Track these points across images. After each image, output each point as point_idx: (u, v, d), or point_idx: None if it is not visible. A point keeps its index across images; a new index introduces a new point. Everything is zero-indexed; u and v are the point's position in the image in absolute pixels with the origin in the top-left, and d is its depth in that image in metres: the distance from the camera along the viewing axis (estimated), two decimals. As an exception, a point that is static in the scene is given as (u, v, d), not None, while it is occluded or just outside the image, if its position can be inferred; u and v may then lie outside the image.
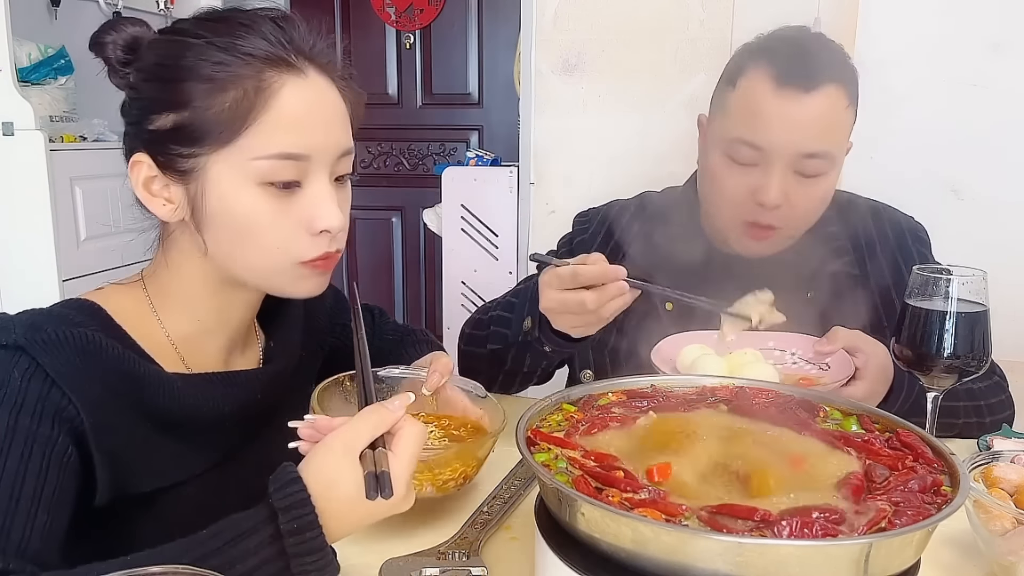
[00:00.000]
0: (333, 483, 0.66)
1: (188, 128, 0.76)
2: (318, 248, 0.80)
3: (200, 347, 0.86)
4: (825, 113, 1.09)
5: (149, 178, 0.80)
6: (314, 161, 0.79)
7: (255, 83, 0.75)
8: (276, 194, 0.77)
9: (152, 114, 0.78)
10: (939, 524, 0.53)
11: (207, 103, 0.75)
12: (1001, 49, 1.93)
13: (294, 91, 0.77)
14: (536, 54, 2.20)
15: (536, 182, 2.28)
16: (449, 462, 0.84)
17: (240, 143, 0.76)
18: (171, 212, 0.80)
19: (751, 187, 1.12)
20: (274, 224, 0.78)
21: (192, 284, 0.84)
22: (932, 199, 1.94)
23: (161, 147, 0.78)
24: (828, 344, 1.04)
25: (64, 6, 2.69)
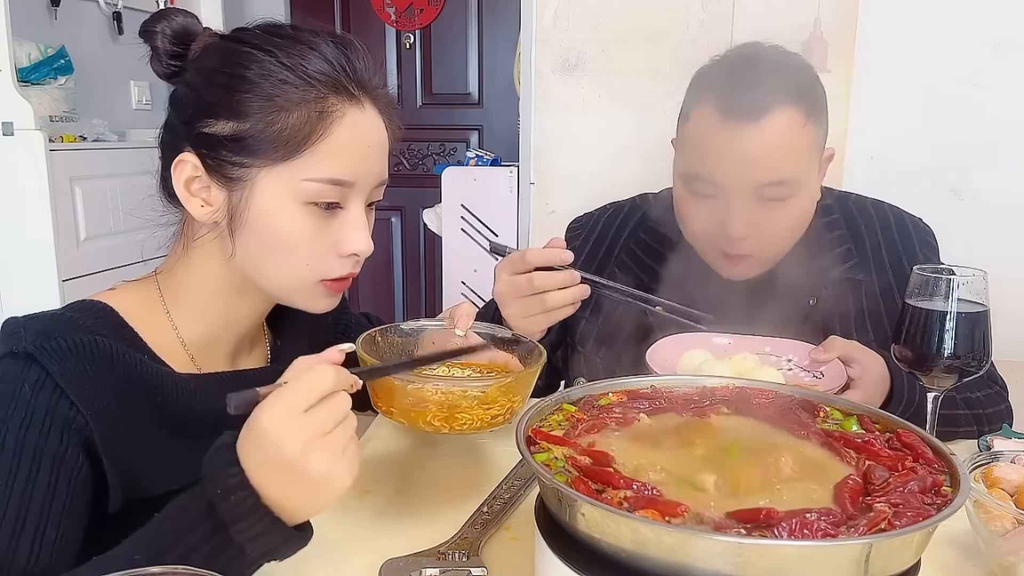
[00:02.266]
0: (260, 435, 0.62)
1: (245, 140, 0.78)
2: (343, 269, 0.83)
3: (209, 347, 0.87)
4: (777, 139, 1.04)
5: (191, 178, 0.80)
6: (356, 188, 0.82)
7: (318, 108, 0.78)
8: (317, 214, 0.80)
9: (209, 117, 0.79)
10: (939, 524, 0.53)
11: (269, 119, 0.77)
12: (1001, 49, 1.93)
13: (352, 121, 0.80)
14: (536, 54, 2.20)
15: (536, 182, 2.28)
16: (496, 398, 0.82)
17: (295, 163, 0.78)
18: (208, 214, 0.81)
19: (715, 219, 1.09)
20: (309, 243, 0.80)
21: (209, 285, 0.85)
22: (932, 199, 1.94)
23: (213, 151, 0.79)
24: (824, 353, 1.03)
25: (64, 6, 2.69)
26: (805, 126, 1.06)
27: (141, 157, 0.89)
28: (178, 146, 0.81)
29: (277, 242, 0.80)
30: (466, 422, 0.81)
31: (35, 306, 0.84)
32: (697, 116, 1.09)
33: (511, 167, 2.74)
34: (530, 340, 0.96)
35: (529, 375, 0.87)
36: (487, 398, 0.81)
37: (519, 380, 0.85)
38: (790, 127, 1.04)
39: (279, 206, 0.79)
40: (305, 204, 0.79)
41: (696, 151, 1.09)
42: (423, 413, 0.81)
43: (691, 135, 1.10)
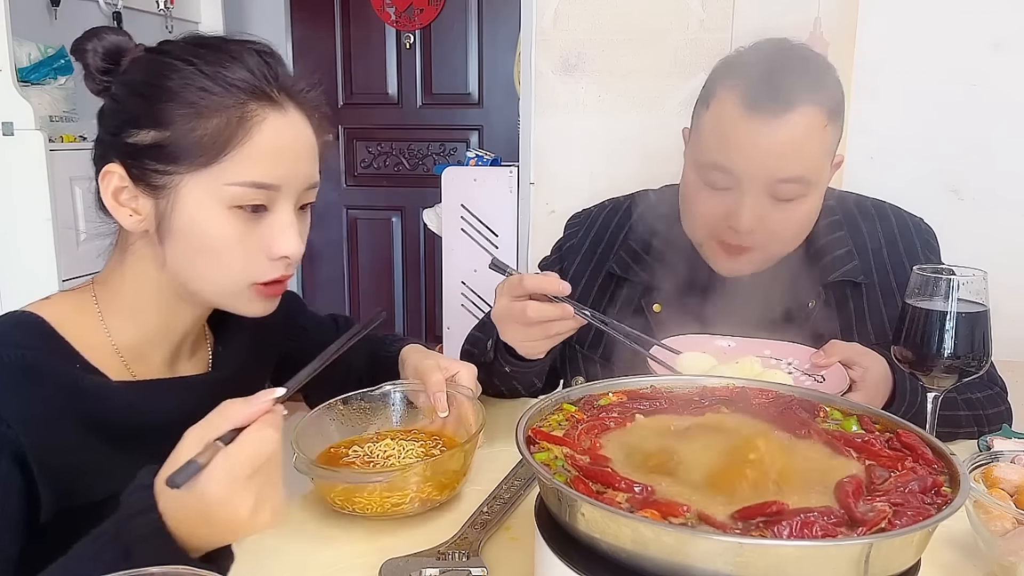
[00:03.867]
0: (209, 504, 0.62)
1: (167, 147, 0.79)
2: (275, 271, 0.84)
3: (146, 353, 0.88)
4: (799, 136, 1.04)
5: (119, 188, 0.82)
6: (283, 191, 0.82)
7: (238, 113, 0.79)
8: (243, 218, 0.81)
9: (132, 128, 0.80)
10: (939, 524, 0.53)
11: (190, 126, 0.78)
12: (1001, 49, 1.93)
13: (273, 125, 0.81)
14: (536, 54, 2.20)
15: (536, 182, 2.28)
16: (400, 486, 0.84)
17: (217, 167, 0.79)
18: (136, 223, 0.82)
19: (724, 210, 1.09)
20: (237, 246, 0.81)
21: (144, 293, 0.86)
22: (932, 199, 1.94)
23: (137, 161, 0.80)
24: (825, 357, 1.03)
25: (64, 6, 2.69)
26: (826, 127, 1.06)
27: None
28: (106, 158, 0.82)
29: (205, 247, 0.81)
30: (367, 505, 0.85)
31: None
32: (720, 104, 1.07)
33: (511, 167, 2.73)
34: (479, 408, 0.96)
35: (440, 463, 0.87)
36: (391, 485, 0.84)
37: (430, 467, 0.86)
38: (813, 125, 1.04)
39: (204, 211, 0.80)
40: (230, 208, 0.80)
41: (716, 139, 1.08)
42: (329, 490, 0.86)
43: (711, 123, 1.09)
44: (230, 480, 0.62)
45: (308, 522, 0.88)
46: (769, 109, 1.03)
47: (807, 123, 1.04)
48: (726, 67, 1.12)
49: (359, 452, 0.94)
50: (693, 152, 1.13)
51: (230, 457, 0.62)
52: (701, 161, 1.10)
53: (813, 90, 1.05)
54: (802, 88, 1.04)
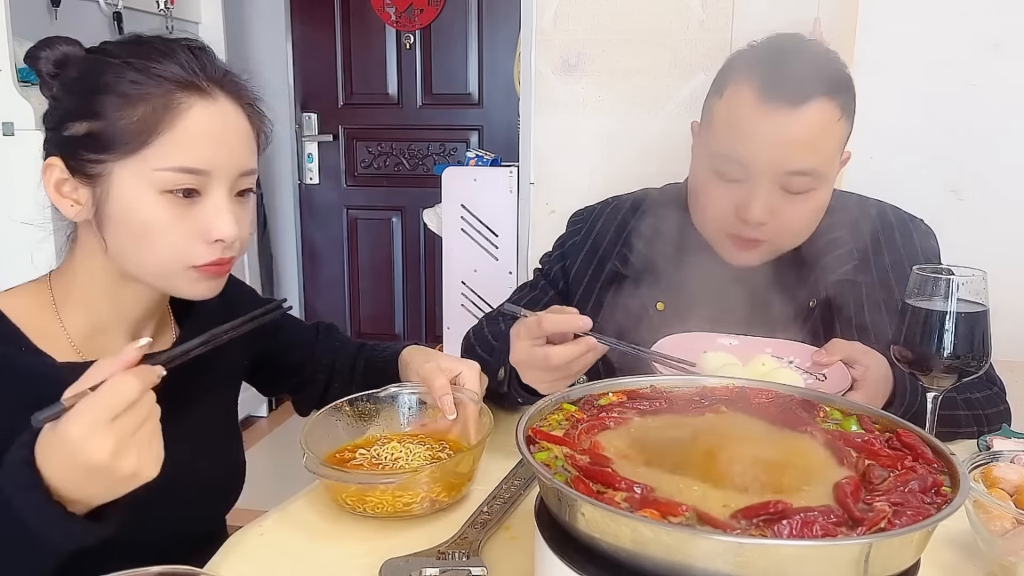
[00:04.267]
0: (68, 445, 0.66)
1: (98, 136, 0.83)
2: (211, 254, 0.86)
3: (99, 338, 0.91)
4: (813, 129, 1.04)
5: (61, 180, 0.86)
6: (214, 176, 0.85)
7: (164, 101, 0.83)
8: (175, 202, 0.84)
9: (68, 122, 0.84)
10: (939, 524, 0.53)
11: (118, 115, 0.82)
12: (1001, 49, 1.93)
13: (200, 112, 0.84)
14: (536, 54, 2.20)
15: (536, 182, 2.28)
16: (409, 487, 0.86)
17: (145, 154, 0.82)
18: (77, 212, 0.86)
19: (735, 202, 1.09)
20: (170, 230, 0.84)
21: (93, 280, 0.89)
22: (932, 199, 1.94)
23: (73, 152, 0.84)
24: (826, 355, 1.03)
25: (64, 6, 2.69)
26: (839, 121, 1.06)
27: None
28: (49, 154, 0.87)
29: (140, 232, 0.84)
30: (378, 505, 0.86)
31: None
32: (733, 95, 1.07)
33: (511, 167, 2.74)
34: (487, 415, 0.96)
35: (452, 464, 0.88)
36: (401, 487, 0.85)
37: (440, 469, 0.87)
38: (826, 119, 1.05)
39: (136, 196, 0.83)
40: (161, 193, 0.83)
41: (729, 129, 1.08)
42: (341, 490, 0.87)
43: (725, 113, 1.09)
44: (89, 422, 0.66)
45: (308, 522, 0.88)
46: (784, 101, 1.03)
47: (821, 116, 1.04)
48: (740, 59, 1.12)
49: (366, 455, 0.95)
50: (705, 143, 1.13)
51: (90, 400, 0.67)
52: (713, 152, 1.10)
53: (828, 84, 1.05)
54: (817, 82, 1.04)
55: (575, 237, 1.33)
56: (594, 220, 1.33)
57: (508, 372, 1.07)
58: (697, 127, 1.19)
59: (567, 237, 1.35)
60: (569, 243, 1.33)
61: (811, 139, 1.05)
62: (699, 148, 1.16)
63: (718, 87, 1.12)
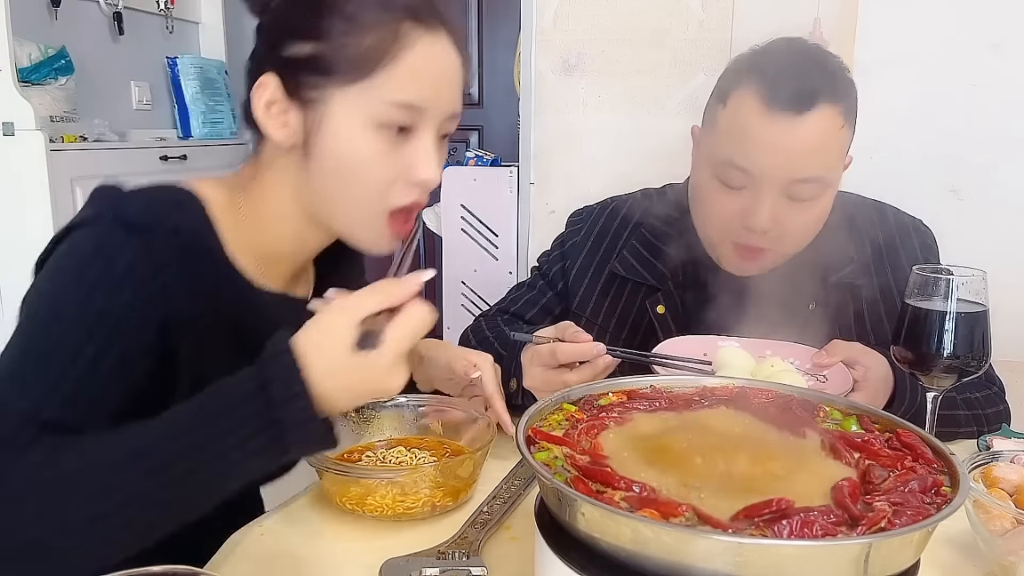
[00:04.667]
0: (325, 338, 0.68)
1: (322, 59, 0.80)
2: (410, 196, 0.85)
3: (273, 267, 0.90)
4: (818, 136, 1.03)
5: (271, 100, 0.83)
6: (428, 115, 0.84)
7: (393, 30, 0.80)
8: (388, 138, 0.82)
9: (289, 40, 0.82)
10: (939, 524, 0.53)
11: (345, 40, 0.80)
12: (1001, 49, 1.93)
13: (426, 47, 0.82)
14: (536, 54, 2.20)
15: (536, 182, 2.28)
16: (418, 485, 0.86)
17: (368, 83, 0.80)
18: (286, 136, 0.83)
19: (740, 210, 1.08)
20: (378, 165, 0.83)
21: (282, 210, 0.87)
22: (932, 199, 1.95)
23: (292, 73, 0.82)
24: (827, 357, 1.03)
25: (64, 6, 2.69)
26: (843, 127, 1.06)
27: (141, 157, 0.90)
28: (259, 72, 0.84)
29: (348, 163, 0.82)
30: (379, 507, 0.86)
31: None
32: (737, 102, 1.06)
33: (511, 167, 2.73)
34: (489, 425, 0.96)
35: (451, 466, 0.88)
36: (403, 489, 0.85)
37: (441, 469, 0.87)
38: (832, 125, 1.04)
39: (352, 127, 0.81)
40: (377, 127, 0.81)
41: (733, 137, 1.06)
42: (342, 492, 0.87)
43: (729, 120, 1.07)
44: (396, 352, 0.69)
45: (308, 522, 0.88)
46: (790, 108, 1.02)
47: (827, 123, 1.03)
48: (743, 64, 1.10)
49: (372, 457, 0.96)
50: (707, 150, 1.12)
51: (400, 331, 0.70)
52: (717, 159, 1.09)
53: (832, 90, 1.04)
54: (822, 88, 1.03)
55: (575, 238, 1.32)
56: (593, 221, 1.32)
57: (520, 387, 1.07)
58: (698, 132, 1.18)
59: (567, 237, 1.34)
60: (569, 243, 1.33)
61: (817, 146, 1.04)
62: (701, 154, 1.15)
63: (721, 93, 1.11)
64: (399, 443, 0.99)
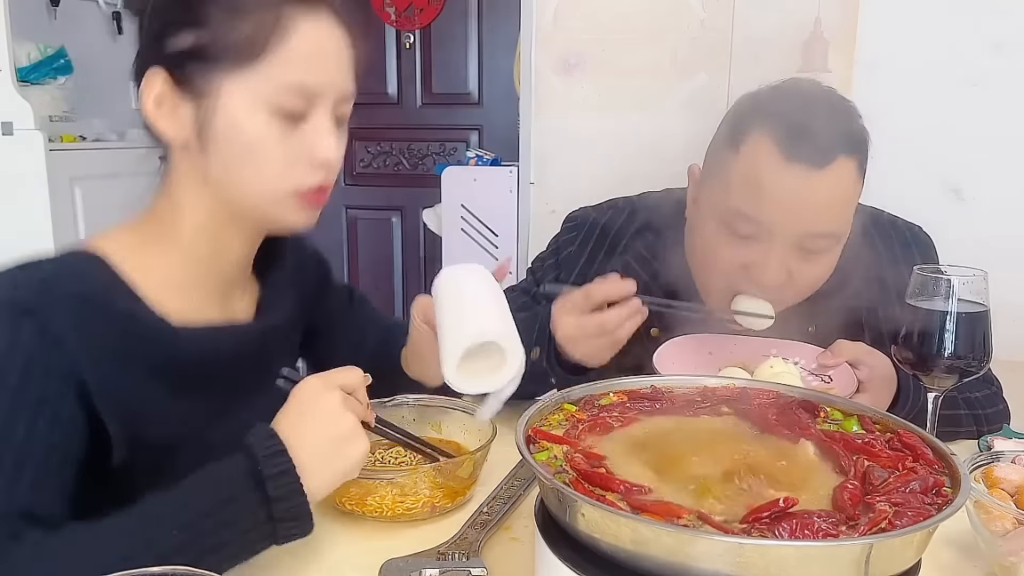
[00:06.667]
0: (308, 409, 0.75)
1: (208, 48, 0.80)
2: (315, 177, 0.85)
3: (198, 289, 0.88)
4: (836, 191, 0.99)
5: (161, 96, 0.82)
6: (321, 97, 0.83)
7: (274, 14, 0.80)
8: (283, 122, 0.82)
9: (172, 33, 0.81)
10: (940, 525, 0.53)
11: (228, 26, 0.79)
12: (1001, 49, 1.93)
13: (310, 28, 0.82)
14: (536, 54, 2.20)
15: (536, 182, 2.28)
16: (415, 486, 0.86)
17: (256, 68, 0.80)
18: (179, 130, 0.83)
19: (747, 261, 1.04)
20: (277, 149, 0.82)
21: (191, 216, 0.86)
22: (932, 199, 1.95)
23: (179, 64, 0.81)
24: (831, 357, 1.02)
25: (64, 6, 2.69)
26: (858, 181, 1.02)
27: (141, 157, 0.89)
28: (147, 66, 0.83)
29: (246, 151, 0.81)
30: (378, 508, 0.86)
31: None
32: (752, 150, 1.01)
33: (511, 167, 2.73)
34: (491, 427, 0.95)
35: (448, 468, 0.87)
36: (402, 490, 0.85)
37: (440, 470, 0.87)
38: (850, 179, 1.00)
39: (245, 114, 0.81)
40: (270, 111, 0.81)
41: (747, 186, 1.01)
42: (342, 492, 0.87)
43: (743, 170, 1.02)
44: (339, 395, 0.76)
45: (308, 522, 0.88)
46: (810, 160, 0.97)
47: (845, 177, 1.00)
48: (756, 108, 1.05)
49: (370, 457, 0.94)
50: (714, 195, 1.06)
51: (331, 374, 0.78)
52: (726, 207, 1.03)
53: (851, 142, 1.01)
54: (840, 140, 0.99)
55: (570, 248, 1.29)
56: (590, 230, 1.29)
57: (548, 350, 1.06)
58: (698, 173, 1.13)
59: (562, 245, 1.31)
60: (564, 253, 1.29)
61: (835, 201, 1.00)
62: (704, 199, 1.09)
63: (733, 138, 1.04)
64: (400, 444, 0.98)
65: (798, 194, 0.98)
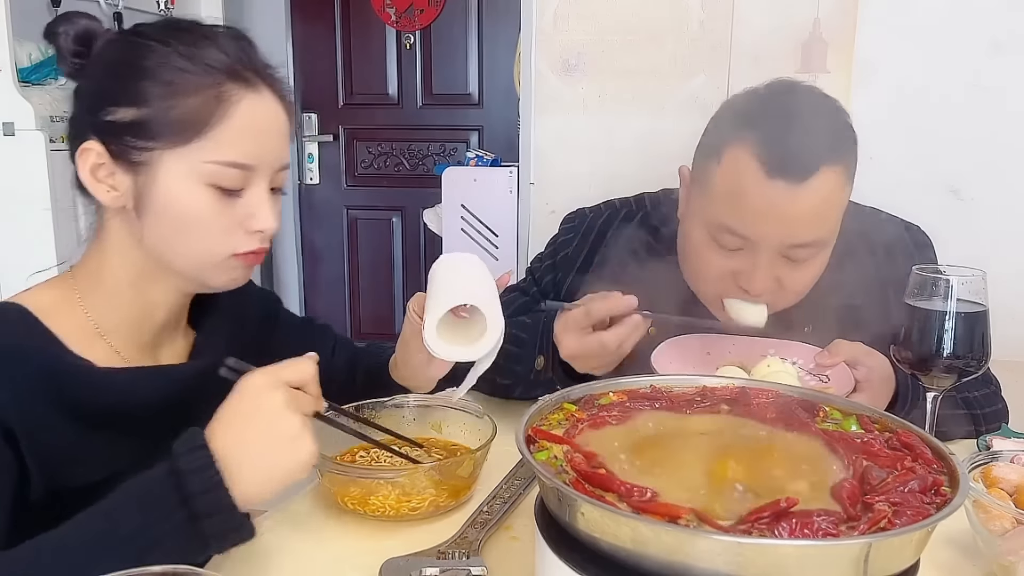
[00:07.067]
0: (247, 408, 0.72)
1: (146, 124, 0.81)
2: (251, 244, 0.86)
3: (129, 336, 0.89)
4: (820, 203, 0.98)
5: (96, 165, 0.83)
6: (258, 170, 0.85)
7: (215, 92, 0.81)
8: (220, 194, 0.83)
9: (111, 106, 0.82)
10: (939, 524, 0.53)
11: (168, 103, 0.80)
12: (1001, 49, 1.93)
13: (250, 105, 0.83)
14: (536, 54, 2.20)
15: (536, 182, 2.28)
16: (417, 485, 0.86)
17: (195, 145, 0.81)
18: (114, 199, 0.84)
19: (735, 271, 1.04)
20: (214, 221, 0.83)
21: (123, 272, 0.87)
22: (932, 199, 1.94)
23: (116, 137, 0.82)
24: (829, 357, 1.02)
25: (64, 6, 2.69)
26: (845, 186, 1.01)
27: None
28: (82, 136, 0.84)
29: (184, 222, 0.83)
30: (381, 508, 0.86)
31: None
32: (733, 162, 1.00)
33: (511, 167, 2.74)
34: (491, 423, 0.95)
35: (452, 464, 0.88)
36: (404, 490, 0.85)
37: (440, 469, 0.87)
38: (834, 188, 0.99)
39: (183, 187, 0.82)
40: (208, 185, 0.82)
41: (731, 202, 1.01)
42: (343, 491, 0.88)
43: (725, 183, 1.01)
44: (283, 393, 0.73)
45: (308, 522, 0.88)
46: (791, 175, 0.96)
47: (830, 187, 0.98)
48: (736, 116, 1.04)
49: (365, 457, 0.96)
50: (700, 207, 1.07)
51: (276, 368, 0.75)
52: (711, 221, 1.04)
53: (835, 149, 0.99)
54: (825, 148, 0.98)
55: (567, 249, 1.30)
56: (587, 230, 1.30)
57: (553, 361, 1.07)
58: (687, 175, 1.13)
59: (559, 246, 1.32)
60: (561, 255, 1.30)
61: (820, 212, 1.00)
62: (693, 206, 1.10)
63: (715, 148, 1.04)
64: (397, 444, 0.99)
65: (781, 208, 0.97)
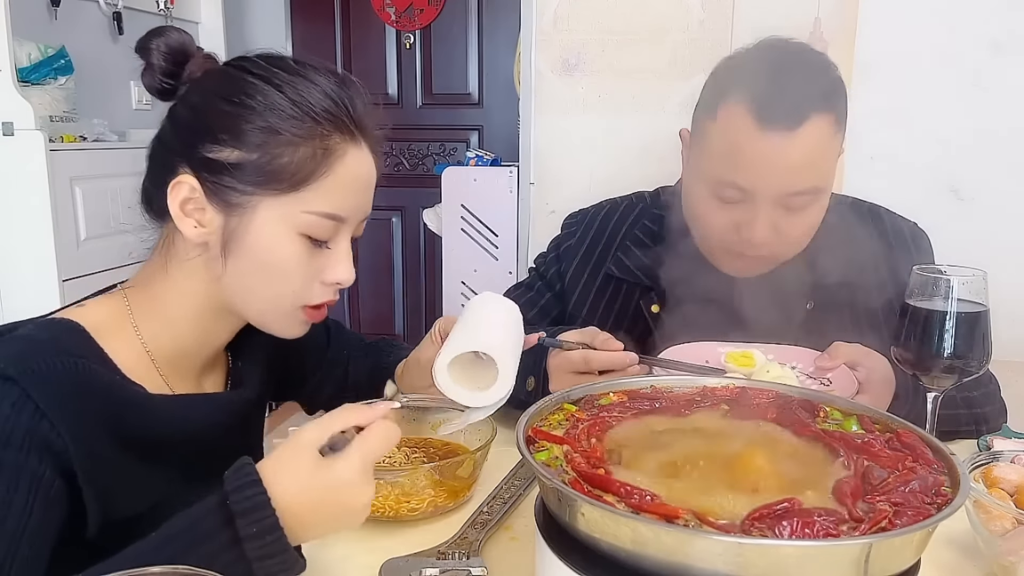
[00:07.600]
0: (289, 455, 0.66)
1: (250, 168, 0.79)
2: (324, 296, 0.86)
3: (179, 365, 0.87)
4: (813, 149, 1.02)
5: (187, 199, 0.80)
6: (348, 222, 0.84)
7: (323, 145, 0.80)
8: (309, 244, 0.82)
9: (211, 143, 0.79)
10: (939, 524, 0.53)
11: (276, 152, 0.78)
12: (1001, 49, 1.93)
13: (352, 159, 0.82)
14: (536, 54, 2.20)
15: (536, 182, 2.28)
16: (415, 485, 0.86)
17: (297, 195, 0.80)
18: (200, 235, 0.81)
19: (736, 223, 1.07)
20: (299, 270, 0.82)
21: (188, 304, 0.85)
22: (932, 199, 1.94)
23: (214, 175, 0.80)
24: (829, 359, 1.02)
25: (64, 6, 2.69)
26: (836, 134, 1.04)
27: (141, 157, 0.88)
28: (173, 164, 0.81)
29: (270, 269, 0.81)
30: (380, 508, 0.86)
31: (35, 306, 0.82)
32: (727, 118, 1.04)
33: (511, 167, 2.74)
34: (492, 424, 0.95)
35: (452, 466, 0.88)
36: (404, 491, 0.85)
37: (440, 470, 0.87)
38: (825, 135, 1.02)
39: (277, 234, 0.80)
40: (300, 234, 0.81)
41: (727, 156, 1.04)
42: None
43: (720, 138, 1.05)
44: (363, 463, 0.66)
45: (308, 522, 0.88)
46: (782, 124, 1.00)
47: (820, 134, 1.02)
48: (729, 73, 1.08)
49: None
50: (699, 165, 1.11)
51: (365, 442, 0.67)
52: (710, 176, 1.07)
53: (824, 98, 1.02)
54: (813, 97, 1.01)
55: (570, 240, 1.32)
56: (588, 224, 1.32)
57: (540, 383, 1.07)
58: (687, 136, 1.16)
59: (562, 240, 1.35)
60: (564, 246, 1.33)
61: (812, 159, 1.02)
62: (693, 164, 1.13)
63: (709, 105, 1.08)
64: (400, 443, 0.98)
65: (775, 158, 1.01)
